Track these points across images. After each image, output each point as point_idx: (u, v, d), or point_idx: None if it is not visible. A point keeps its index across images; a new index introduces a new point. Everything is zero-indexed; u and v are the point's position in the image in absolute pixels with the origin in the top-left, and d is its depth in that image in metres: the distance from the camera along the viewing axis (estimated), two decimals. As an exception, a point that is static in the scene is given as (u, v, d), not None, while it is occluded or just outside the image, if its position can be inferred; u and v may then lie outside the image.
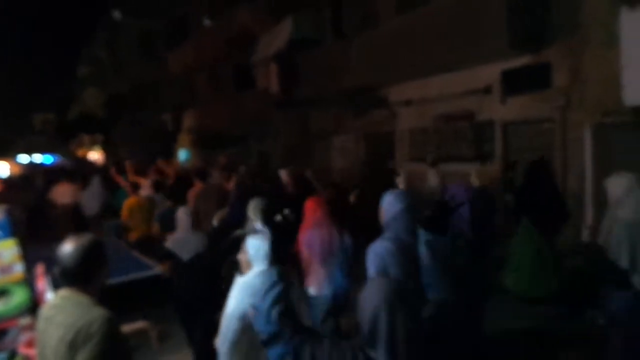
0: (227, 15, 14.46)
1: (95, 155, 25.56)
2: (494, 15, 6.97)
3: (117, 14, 23.60)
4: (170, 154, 20.69)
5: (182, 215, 4.15)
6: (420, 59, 8.47)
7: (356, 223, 3.57)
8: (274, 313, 1.88)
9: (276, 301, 1.90)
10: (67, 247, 1.82)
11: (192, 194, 5.22)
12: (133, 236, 6.18)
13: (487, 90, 7.61)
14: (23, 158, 25.32)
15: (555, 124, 6.85)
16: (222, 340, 2.28)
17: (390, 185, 5.88)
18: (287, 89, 12.05)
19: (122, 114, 24.09)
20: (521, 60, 7.00)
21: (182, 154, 20.22)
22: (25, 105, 33.46)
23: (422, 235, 2.52)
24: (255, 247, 2.36)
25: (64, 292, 1.85)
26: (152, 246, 5.36)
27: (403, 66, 8.87)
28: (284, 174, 5.96)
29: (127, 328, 2.07)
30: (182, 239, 4.03)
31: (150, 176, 8.05)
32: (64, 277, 1.83)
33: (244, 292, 2.25)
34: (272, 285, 1.96)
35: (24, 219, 8.42)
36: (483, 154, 7.93)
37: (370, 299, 1.51)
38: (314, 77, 11.30)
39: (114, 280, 3.81)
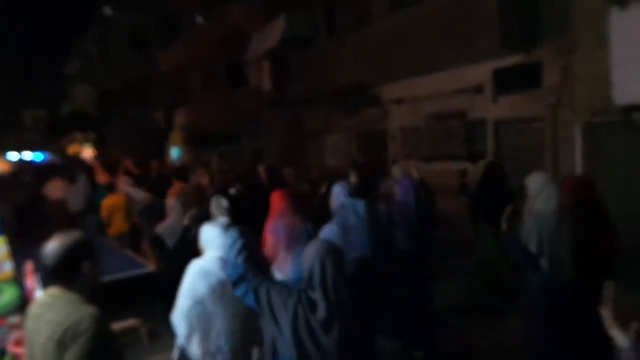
0: (220, 13, 14.40)
1: (86, 153, 25.36)
2: (485, 15, 7.01)
3: (108, 10, 23.39)
4: (162, 152, 20.59)
5: (173, 204, 4.30)
6: (412, 57, 8.50)
7: (326, 212, 3.82)
8: (240, 259, 2.25)
9: (240, 250, 2.27)
10: (50, 245, 1.81)
11: (171, 192, 5.22)
12: (112, 232, 6.46)
13: (478, 89, 7.66)
14: (13, 155, 25.07)
15: (546, 123, 6.91)
16: (178, 315, 2.54)
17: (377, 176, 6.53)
18: (279, 87, 12.03)
19: (114, 111, 23.92)
20: (512, 60, 7.04)
21: (174, 152, 20.14)
22: (15, 102, 33.07)
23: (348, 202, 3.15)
24: (209, 234, 2.70)
25: (53, 290, 1.84)
26: (132, 241, 5.84)
27: (395, 65, 8.89)
28: (260, 170, 6.33)
29: (117, 326, 2.06)
30: (172, 227, 4.12)
31: (119, 176, 8.33)
32: (47, 275, 1.82)
33: (196, 275, 2.59)
34: (235, 240, 2.32)
35: (14, 217, 8.39)
36: (475, 153, 7.98)
37: (309, 255, 2.13)
38: (307, 76, 11.30)
39: (104, 278, 3.79)
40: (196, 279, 2.56)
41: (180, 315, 2.49)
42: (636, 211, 5.90)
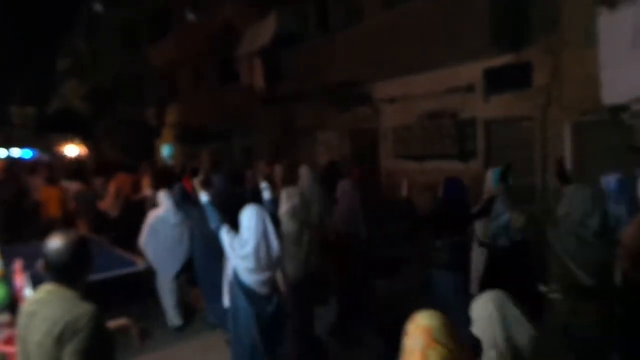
0: (210, 8, 14.32)
1: (75, 150, 25.08)
2: (476, 15, 7.06)
3: (97, 5, 23.12)
4: (152, 149, 20.45)
5: (163, 196, 5.08)
6: (403, 56, 8.54)
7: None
8: (214, 216, 3.47)
9: (212, 212, 3.49)
10: (56, 243, 1.82)
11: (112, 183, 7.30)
12: (46, 216, 7.96)
13: (469, 88, 7.71)
14: (0, 152, 24.74)
15: (535, 122, 6.98)
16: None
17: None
18: (271, 84, 12.00)
19: (104, 108, 23.69)
20: (502, 60, 7.10)
21: (165, 149, 20.02)
22: (3, 98, 32.58)
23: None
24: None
25: (49, 286, 1.84)
26: (64, 224, 7.20)
27: (387, 63, 8.92)
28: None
29: (108, 325, 2.06)
30: (162, 217, 4.97)
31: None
32: (52, 273, 1.83)
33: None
34: (210, 209, 3.52)
35: (1, 214, 8.31)
36: (466, 152, 8.04)
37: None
38: (299, 73, 11.29)
39: (96, 277, 3.78)
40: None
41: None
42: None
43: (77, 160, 20.89)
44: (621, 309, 2.99)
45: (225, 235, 3.33)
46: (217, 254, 3.91)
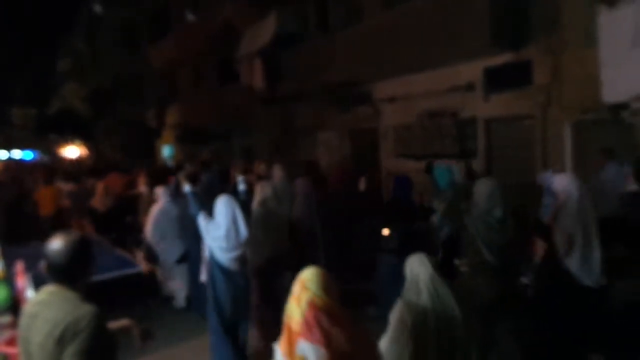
0: (210, 9, 14.32)
1: (75, 151, 25.09)
2: (476, 13, 7.06)
3: (97, 5, 23.12)
4: (153, 150, 20.46)
5: (161, 191, 5.68)
6: (404, 55, 8.53)
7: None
8: (193, 204, 4.08)
9: (193, 200, 4.12)
10: (57, 244, 1.82)
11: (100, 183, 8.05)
12: (43, 213, 8.64)
13: (469, 87, 7.70)
14: (1, 154, 24.76)
15: (536, 121, 6.98)
16: None
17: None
18: (271, 84, 12.00)
19: (104, 108, 23.69)
20: (503, 58, 7.09)
21: (166, 150, 20.02)
22: (3, 100, 32.56)
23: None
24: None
25: (51, 287, 1.84)
26: (57, 219, 8.08)
27: (387, 62, 8.92)
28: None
29: (110, 326, 2.06)
30: (163, 210, 5.54)
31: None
32: (53, 274, 1.84)
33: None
34: (192, 198, 4.14)
35: (3, 216, 8.34)
36: (466, 151, 8.03)
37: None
38: (299, 73, 11.29)
39: (97, 278, 3.78)
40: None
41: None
42: (624, 208, 5.97)
43: (76, 162, 21.51)
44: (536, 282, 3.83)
45: (202, 220, 3.97)
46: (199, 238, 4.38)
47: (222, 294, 3.89)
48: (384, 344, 2.38)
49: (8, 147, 25.71)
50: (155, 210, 5.57)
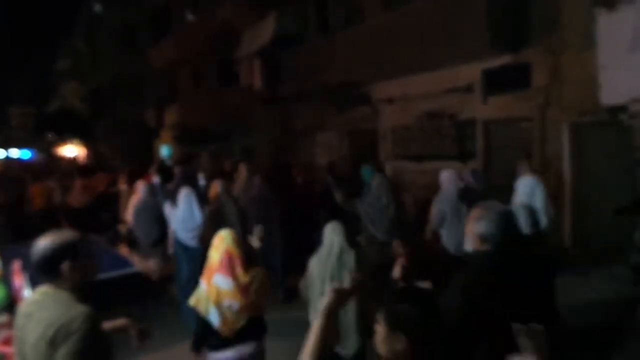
0: (210, 10, 14.32)
1: (74, 151, 25.06)
2: (475, 15, 7.07)
3: (97, 6, 23.11)
4: (151, 150, 20.44)
5: (140, 185, 6.34)
6: (403, 56, 8.54)
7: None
8: (161, 193, 5.25)
9: (161, 190, 5.41)
10: (36, 244, 1.83)
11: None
12: (35, 207, 9.33)
13: (468, 89, 7.71)
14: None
15: (534, 123, 6.99)
16: None
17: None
18: (271, 84, 12.00)
19: (103, 108, 23.66)
20: (501, 60, 7.11)
21: (165, 150, 20.01)
22: (2, 99, 32.49)
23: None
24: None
25: (45, 288, 1.83)
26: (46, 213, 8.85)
27: (386, 64, 8.93)
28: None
29: (107, 325, 2.05)
30: (142, 201, 6.12)
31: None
32: (37, 273, 1.83)
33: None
34: (160, 189, 5.47)
35: (1, 216, 8.34)
36: (465, 152, 8.04)
37: None
38: (298, 73, 11.29)
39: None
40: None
41: None
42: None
43: (68, 162, 22.14)
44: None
45: (167, 207, 5.32)
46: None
47: (184, 263, 5.09)
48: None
49: (6, 147, 25.64)
50: (135, 200, 6.51)
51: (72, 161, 22.59)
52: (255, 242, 3.42)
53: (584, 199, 6.52)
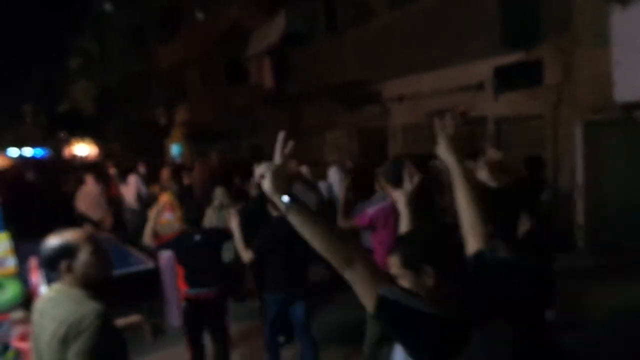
0: (219, 9, 14.37)
1: (85, 149, 25.30)
2: (486, 12, 7.01)
3: (107, 5, 23.26)
4: (162, 148, 20.57)
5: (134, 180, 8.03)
6: (413, 54, 8.49)
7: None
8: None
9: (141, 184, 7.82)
10: (46, 241, 1.86)
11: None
12: None
13: (479, 86, 7.65)
14: (13, 151, 25.02)
15: (546, 121, 6.92)
16: None
17: None
18: (280, 83, 12.01)
19: (113, 107, 23.86)
20: (513, 57, 7.04)
21: (175, 149, 20.13)
22: (15, 97, 32.93)
23: None
24: None
25: (58, 285, 1.86)
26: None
27: (396, 62, 8.89)
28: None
29: (120, 322, 2.07)
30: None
31: None
32: (46, 270, 1.87)
33: None
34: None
35: (16, 212, 8.48)
36: (476, 150, 7.98)
37: None
38: (307, 72, 11.29)
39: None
40: None
41: None
42: (636, 207, 5.91)
43: (70, 160, 23.05)
44: None
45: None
46: None
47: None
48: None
49: (19, 145, 25.97)
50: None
51: (71, 160, 23.05)
52: None
53: (598, 197, 6.44)
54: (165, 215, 5.22)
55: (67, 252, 1.84)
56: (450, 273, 1.43)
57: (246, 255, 3.57)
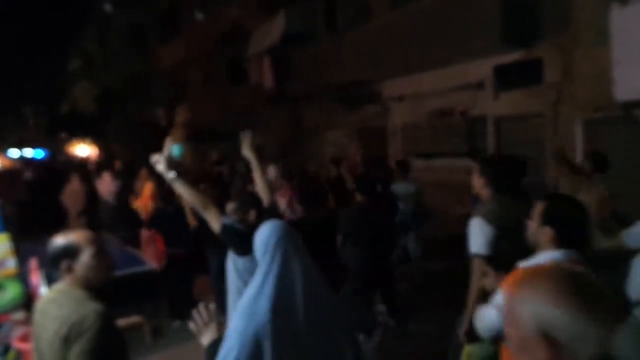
0: (219, 9, 14.37)
1: (86, 150, 25.31)
2: (486, 11, 7.00)
3: (107, 6, 23.28)
4: (162, 149, 20.57)
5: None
6: (413, 54, 8.49)
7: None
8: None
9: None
10: (52, 241, 1.89)
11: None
12: None
13: (479, 85, 7.65)
14: (13, 152, 25.03)
15: (546, 119, 6.91)
16: None
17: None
18: (280, 83, 12.02)
19: (114, 108, 23.88)
20: (513, 56, 7.03)
21: (176, 149, 20.11)
22: (16, 98, 32.99)
23: None
24: None
25: (60, 285, 1.86)
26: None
27: (396, 61, 8.89)
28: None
29: (121, 323, 2.08)
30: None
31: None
32: (52, 269, 1.89)
33: None
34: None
35: (16, 214, 8.51)
36: (476, 149, 7.99)
37: None
38: (308, 72, 11.29)
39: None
40: None
41: None
42: (637, 207, 5.90)
43: (68, 161, 23.80)
44: None
45: None
46: None
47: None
48: None
49: (20, 146, 26.01)
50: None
51: (69, 160, 23.27)
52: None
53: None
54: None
55: (69, 252, 1.85)
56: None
57: None
